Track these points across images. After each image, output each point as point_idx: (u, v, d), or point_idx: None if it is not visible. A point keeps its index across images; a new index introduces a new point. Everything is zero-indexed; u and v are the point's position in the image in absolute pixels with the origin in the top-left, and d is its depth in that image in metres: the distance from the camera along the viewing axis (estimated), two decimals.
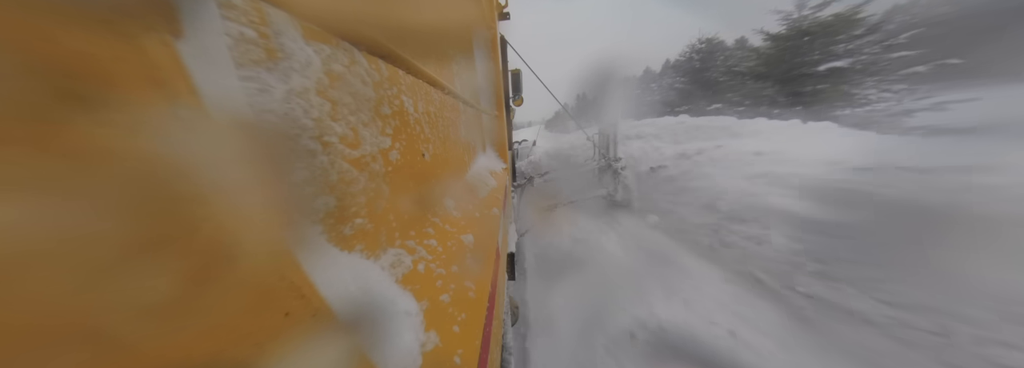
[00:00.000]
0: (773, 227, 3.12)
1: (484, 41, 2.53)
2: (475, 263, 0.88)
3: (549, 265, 3.41)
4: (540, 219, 4.67)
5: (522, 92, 4.73)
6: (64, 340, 0.17)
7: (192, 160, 0.23)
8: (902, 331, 2.08)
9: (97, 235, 0.18)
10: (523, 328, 2.53)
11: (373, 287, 0.49)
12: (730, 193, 3.77)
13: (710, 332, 2.22)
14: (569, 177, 5.95)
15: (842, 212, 2.90)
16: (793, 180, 3.60)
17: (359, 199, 0.52)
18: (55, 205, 0.17)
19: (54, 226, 0.17)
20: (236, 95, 0.31)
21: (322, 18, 0.46)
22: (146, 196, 0.20)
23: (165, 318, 0.21)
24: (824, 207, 3.04)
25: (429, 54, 0.96)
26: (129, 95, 0.20)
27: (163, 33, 0.22)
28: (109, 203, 0.19)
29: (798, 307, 2.44)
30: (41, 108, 0.16)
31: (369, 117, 0.57)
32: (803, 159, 4.02)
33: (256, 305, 0.28)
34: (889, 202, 2.80)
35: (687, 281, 2.81)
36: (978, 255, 2.19)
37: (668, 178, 4.74)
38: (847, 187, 3.12)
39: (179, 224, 0.22)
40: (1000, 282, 2.04)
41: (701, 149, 5.03)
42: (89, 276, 0.18)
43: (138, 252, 0.20)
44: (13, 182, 0.16)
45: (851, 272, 2.48)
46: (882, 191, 2.91)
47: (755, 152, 4.48)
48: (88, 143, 0.18)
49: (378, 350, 0.42)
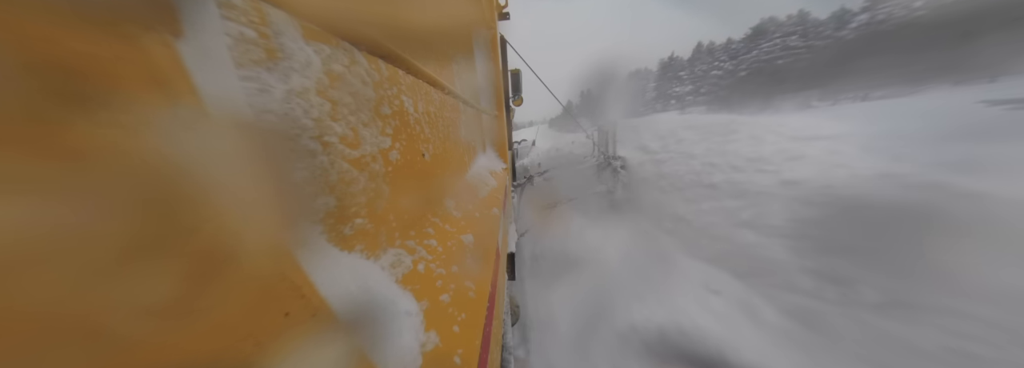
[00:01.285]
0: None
1: (484, 41, 2.53)
2: (475, 263, 0.88)
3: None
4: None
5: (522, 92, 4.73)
6: (65, 340, 0.17)
7: (192, 160, 0.23)
8: None
9: (98, 235, 0.18)
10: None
11: (373, 287, 0.49)
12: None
13: None
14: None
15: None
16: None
17: (359, 199, 0.52)
18: (55, 205, 0.17)
19: (55, 226, 0.17)
20: (236, 95, 0.31)
21: (322, 18, 0.46)
22: (146, 196, 0.20)
23: (166, 318, 0.21)
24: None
25: (429, 54, 0.96)
26: (130, 95, 0.20)
27: (163, 33, 0.22)
28: (109, 203, 0.19)
29: None
30: (42, 108, 0.16)
31: (369, 117, 0.57)
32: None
33: (256, 305, 0.28)
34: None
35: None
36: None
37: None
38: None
39: (179, 224, 0.22)
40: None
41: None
42: (90, 276, 0.18)
43: (139, 252, 0.20)
44: (13, 182, 0.16)
45: None
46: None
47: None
48: (88, 143, 0.18)
49: (378, 350, 0.42)
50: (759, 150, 4.51)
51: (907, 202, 2.88)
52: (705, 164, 4.65)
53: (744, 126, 5.30)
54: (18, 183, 0.16)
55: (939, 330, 2.11)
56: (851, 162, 3.81)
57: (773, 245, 3.05)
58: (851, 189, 3.31)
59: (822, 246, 2.87)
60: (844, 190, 3.33)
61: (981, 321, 2.08)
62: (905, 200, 2.90)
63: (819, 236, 2.96)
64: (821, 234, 2.97)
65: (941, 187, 2.94)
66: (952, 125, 6.44)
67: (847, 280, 2.56)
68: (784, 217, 3.29)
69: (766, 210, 3.45)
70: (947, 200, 2.78)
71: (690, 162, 4.82)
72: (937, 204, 2.77)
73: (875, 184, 3.30)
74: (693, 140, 5.41)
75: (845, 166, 3.75)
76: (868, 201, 3.06)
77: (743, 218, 3.48)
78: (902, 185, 3.14)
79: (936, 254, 2.45)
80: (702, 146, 5.11)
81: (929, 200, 2.84)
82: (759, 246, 3.09)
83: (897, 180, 3.24)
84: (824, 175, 3.66)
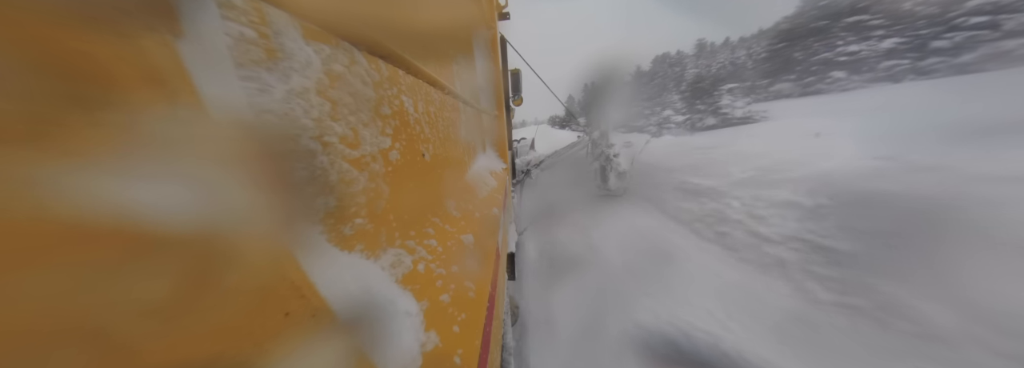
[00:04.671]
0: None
1: (484, 41, 2.53)
2: (475, 263, 0.88)
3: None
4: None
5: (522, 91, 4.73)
6: (66, 340, 0.17)
7: (192, 160, 0.23)
8: None
9: (98, 235, 0.18)
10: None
11: (373, 287, 0.49)
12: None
13: None
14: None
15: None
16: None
17: (359, 199, 0.52)
18: (55, 205, 0.17)
19: (55, 226, 0.17)
20: (236, 95, 0.31)
21: (322, 18, 0.46)
22: (146, 196, 0.20)
23: (166, 318, 0.21)
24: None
25: (429, 54, 0.96)
26: (130, 95, 0.20)
27: (163, 33, 0.22)
28: (109, 203, 0.19)
29: None
30: (42, 108, 0.16)
31: (369, 117, 0.57)
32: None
33: (256, 305, 0.28)
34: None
35: None
36: None
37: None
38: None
39: (179, 224, 0.22)
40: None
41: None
42: (90, 276, 0.18)
43: (139, 252, 0.20)
44: (13, 182, 0.16)
45: None
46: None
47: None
48: (88, 143, 0.18)
49: (378, 350, 0.42)
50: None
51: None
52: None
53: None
54: (18, 183, 0.16)
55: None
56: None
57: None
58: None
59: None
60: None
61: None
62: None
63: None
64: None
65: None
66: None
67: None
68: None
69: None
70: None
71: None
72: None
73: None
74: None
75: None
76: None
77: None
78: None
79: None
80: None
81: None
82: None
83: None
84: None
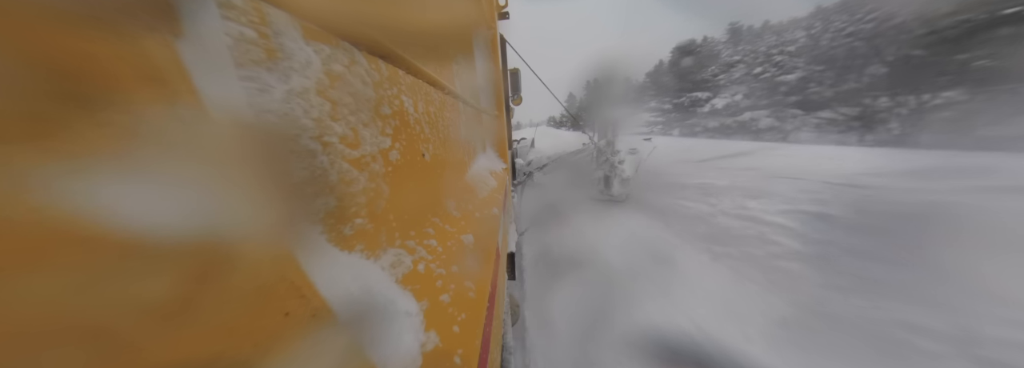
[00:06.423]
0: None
1: (484, 41, 2.53)
2: (475, 263, 0.88)
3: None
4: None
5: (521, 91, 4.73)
6: (65, 340, 0.17)
7: (192, 160, 0.23)
8: None
9: (97, 235, 0.18)
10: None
11: (373, 287, 0.49)
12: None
13: None
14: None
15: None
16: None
17: (359, 199, 0.52)
18: (55, 205, 0.17)
19: (54, 226, 0.17)
20: (236, 95, 0.31)
21: (322, 18, 0.46)
22: (146, 196, 0.20)
23: (165, 318, 0.21)
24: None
25: (429, 54, 0.96)
26: (130, 95, 0.20)
27: (163, 33, 0.22)
28: (109, 203, 0.19)
29: None
30: (41, 108, 0.16)
31: (369, 117, 0.57)
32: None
33: (256, 305, 0.28)
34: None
35: None
36: None
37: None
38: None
39: (179, 224, 0.22)
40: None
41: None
42: (90, 276, 0.18)
43: (138, 252, 0.20)
44: (13, 182, 0.16)
45: None
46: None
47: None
48: (88, 143, 0.18)
49: (378, 350, 0.42)
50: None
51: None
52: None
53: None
54: (18, 183, 0.16)
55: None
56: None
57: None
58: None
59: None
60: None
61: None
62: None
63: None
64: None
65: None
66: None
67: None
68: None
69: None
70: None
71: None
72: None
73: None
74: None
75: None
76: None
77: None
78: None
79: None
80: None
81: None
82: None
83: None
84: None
